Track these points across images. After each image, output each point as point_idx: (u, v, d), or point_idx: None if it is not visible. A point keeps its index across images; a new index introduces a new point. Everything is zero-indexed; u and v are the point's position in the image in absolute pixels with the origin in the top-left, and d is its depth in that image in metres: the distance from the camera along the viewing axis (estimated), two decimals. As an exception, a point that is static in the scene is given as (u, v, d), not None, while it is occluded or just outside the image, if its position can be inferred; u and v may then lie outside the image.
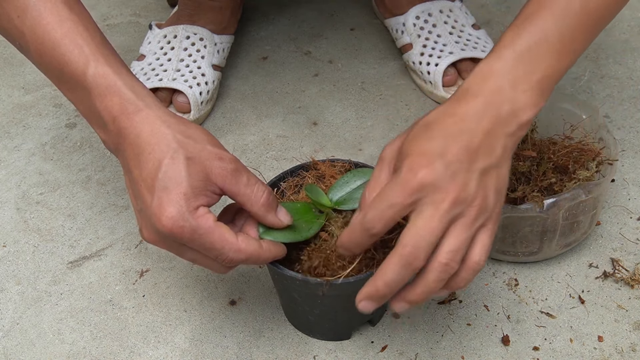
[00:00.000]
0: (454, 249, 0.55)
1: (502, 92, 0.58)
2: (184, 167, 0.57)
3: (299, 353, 0.71)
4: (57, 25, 0.61)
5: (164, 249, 0.60)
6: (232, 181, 0.60)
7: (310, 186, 0.67)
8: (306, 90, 1.02)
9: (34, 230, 0.84)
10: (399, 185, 0.55)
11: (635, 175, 0.87)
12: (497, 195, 0.58)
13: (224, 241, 0.58)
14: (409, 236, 0.55)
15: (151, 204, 0.57)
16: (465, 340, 0.71)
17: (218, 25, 1.01)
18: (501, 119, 0.58)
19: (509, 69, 0.58)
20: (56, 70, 0.61)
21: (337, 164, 0.73)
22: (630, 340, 0.70)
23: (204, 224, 0.57)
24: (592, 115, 0.78)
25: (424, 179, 0.55)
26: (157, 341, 0.73)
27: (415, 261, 0.55)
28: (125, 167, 0.60)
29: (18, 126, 0.98)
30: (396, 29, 1.04)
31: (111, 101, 0.59)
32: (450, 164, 0.55)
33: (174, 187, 0.57)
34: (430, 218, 0.55)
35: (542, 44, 0.59)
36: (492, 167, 0.57)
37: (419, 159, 0.56)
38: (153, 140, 0.58)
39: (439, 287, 0.57)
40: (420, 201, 0.55)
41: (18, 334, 0.74)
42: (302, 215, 0.66)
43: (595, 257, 0.78)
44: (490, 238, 0.58)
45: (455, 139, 0.56)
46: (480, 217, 0.56)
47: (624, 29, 1.09)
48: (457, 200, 0.55)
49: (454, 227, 0.56)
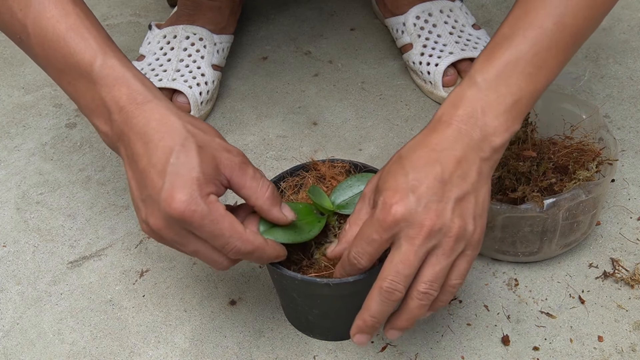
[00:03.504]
0: (431, 279, 0.58)
1: (473, 119, 0.59)
2: (195, 154, 0.57)
3: (299, 353, 0.71)
4: (62, 18, 0.61)
5: (169, 238, 0.59)
6: (239, 173, 0.60)
7: (313, 188, 0.67)
8: (306, 90, 1.02)
9: (34, 230, 0.84)
10: (375, 223, 0.58)
11: (635, 175, 0.87)
12: (476, 220, 0.59)
13: (233, 229, 0.58)
14: (387, 270, 0.58)
15: (162, 188, 0.56)
16: (465, 340, 0.71)
17: (217, 25, 1.01)
18: (473, 145, 0.59)
19: (480, 95, 0.59)
20: (59, 63, 0.61)
21: (337, 165, 0.72)
22: (630, 340, 0.70)
23: (215, 210, 0.57)
24: (592, 115, 0.78)
25: (396, 215, 0.56)
26: (157, 341, 0.73)
27: (394, 294, 0.58)
28: (130, 156, 0.59)
29: (18, 126, 0.98)
30: (396, 28, 1.04)
31: (119, 91, 0.59)
32: (421, 197, 0.57)
33: (187, 172, 0.57)
34: (406, 253, 0.57)
35: (514, 68, 0.59)
36: (468, 193, 0.58)
37: (391, 195, 0.57)
38: (163, 128, 0.58)
39: (423, 312, 0.60)
40: (397, 235, 0.57)
41: (18, 334, 0.74)
42: (304, 217, 0.66)
43: (595, 257, 0.78)
44: (468, 264, 0.60)
45: (427, 171, 0.57)
46: (458, 245, 0.58)
47: (624, 29, 1.09)
48: (431, 232, 0.56)
49: (431, 257, 0.58)
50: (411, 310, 0.59)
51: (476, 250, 0.59)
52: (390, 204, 0.57)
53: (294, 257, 0.67)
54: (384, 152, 0.91)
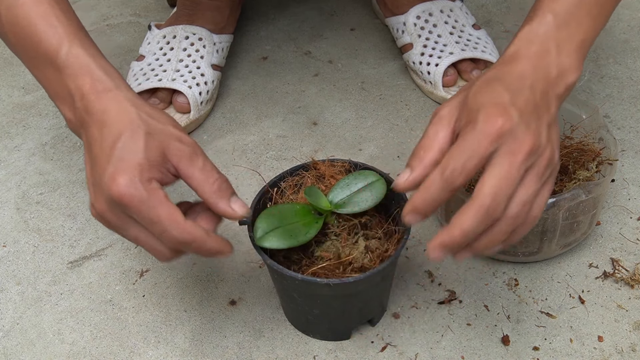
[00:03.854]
0: (526, 200, 0.55)
1: (548, 55, 0.60)
2: (142, 140, 0.58)
3: (299, 353, 0.71)
4: (33, 5, 0.62)
5: (112, 222, 0.59)
6: (187, 163, 0.60)
7: (309, 188, 0.67)
8: (306, 90, 1.02)
9: (34, 230, 0.84)
10: (480, 135, 0.55)
11: (635, 175, 0.87)
12: (558, 152, 0.59)
13: (171, 217, 0.58)
14: (489, 186, 0.54)
15: (105, 172, 0.57)
16: (465, 340, 0.71)
17: (217, 24, 1.01)
18: (551, 81, 0.59)
19: (552, 33, 0.60)
20: (29, 50, 0.63)
21: (336, 164, 0.72)
22: (630, 340, 0.70)
23: (153, 196, 0.57)
24: (592, 115, 0.78)
25: (503, 127, 0.55)
26: (157, 341, 0.73)
27: (495, 212, 0.54)
28: (87, 143, 0.61)
29: (18, 126, 0.98)
30: (397, 28, 1.04)
31: (82, 80, 0.61)
32: (523, 114, 0.56)
33: (130, 157, 0.57)
34: (509, 168, 0.54)
35: (581, 7, 0.61)
36: (553, 122, 0.59)
37: (494, 109, 0.55)
38: (118, 117, 0.59)
39: (501, 239, 0.57)
40: (497, 151, 0.55)
41: (18, 334, 0.74)
42: (301, 218, 0.66)
43: (595, 257, 0.78)
44: (549, 194, 0.58)
45: (520, 93, 0.57)
46: (548, 169, 0.57)
47: (624, 29, 1.09)
48: (532, 150, 0.55)
49: (526, 178, 0.56)
50: (495, 233, 0.56)
51: (553, 184, 0.59)
52: (495, 117, 0.55)
53: (294, 257, 0.67)
54: (384, 152, 0.91)
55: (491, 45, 0.99)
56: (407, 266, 0.78)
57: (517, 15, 1.14)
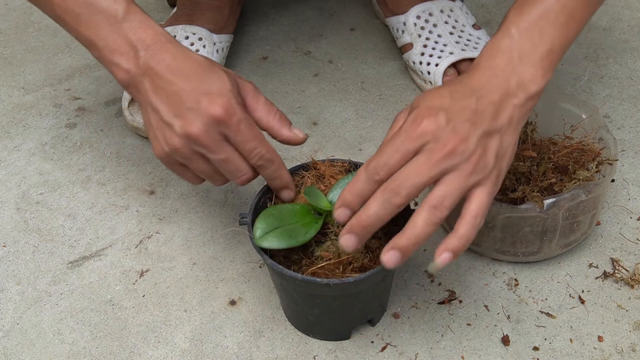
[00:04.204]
0: (442, 194, 0.58)
1: (509, 66, 0.61)
2: (223, 74, 0.66)
3: (299, 353, 0.71)
4: None
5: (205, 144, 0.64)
6: (253, 97, 0.68)
7: (308, 189, 0.67)
8: (306, 90, 1.02)
9: (34, 230, 0.84)
10: (404, 133, 0.59)
11: (635, 175, 0.87)
12: (498, 160, 0.60)
13: (261, 137, 0.66)
14: (397, 174, 0.58)
15: (202, 98, 0.63)
16: (465, 340, 0.71)
17: (217, 24, 1.01)
18: (510, 91, 0.61)
19: (515, 45, 0.62)
20: (79, 7, 0.66)
21: (336, 164, 0.72)
22: (630, 340, 0.70)
23: (248, 117, 0.65)
24: (592, 115, 0.78)
25: (427, 128, 0.58)
26: (157, 341, 0.73)
27: (396, 197, 0.58)
28: (158, 86, 0.65)
29: (18, 126, 0.98)
30: (397, 28, 1.04)
31: (145, 32, 0.66)
32: (452, 118, 0.59)
33: (219, 85, 0.65)
34: (422, 163, 0.58)
35: (546, 17, 0.62)
36: (495, 131, 0.60)
37: (424, 111, 0.59)
38: (189, 60, 0.66)
39: (427, 231, 0.58)
40: (420, 149, 0.58)
41: (18, 334, 0.74)
42: (301, 218, 0.66)
43: (595, 257, 0.78)
44: (487, 196, 0.60)
45: (463, 99, 0.60)
46: (475, 174, 0.59)
47: (624, 29, 1.09)
48: (453, 152, 0.58)
49: (446, 177, 0.58)
50: (416, 224, 0.58)
51: (495, 186, 0.60)
52: (422, 117, 0.59)
53: (294, 256, 0.67)
54: (384, 152, 0.91)
55: (491, 45, 0.99)
56: (407, 266, 0.78)
57: (517, 15, 1.14)
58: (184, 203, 0.86)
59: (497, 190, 0.61)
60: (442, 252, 0.59)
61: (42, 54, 1.10)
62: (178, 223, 0.84)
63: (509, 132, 0.61)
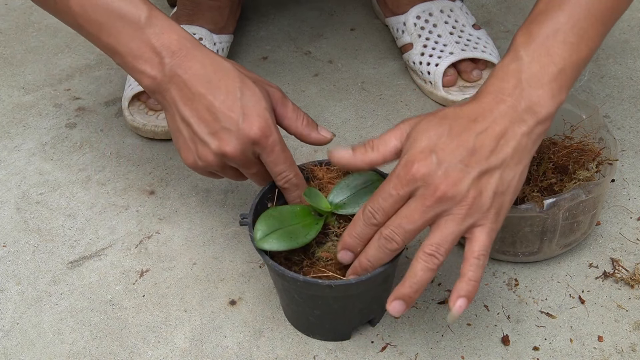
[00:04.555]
0: (437, 241, 0.58)
1: (518, 89, 0.60)
2: (257, 89, 0.65)
3: (299, 353, 0.71)
4: None
5: (238, 161, 0.65)
6: (281, 105, 0.69)
7: (309, 190, 0.67)
8: (306, 90, 1.02)
9: (34, 230, 0.84)
10: (394, 178, 0.59)
11: (635, 175, 0.87)
12: (496, 197, 0.59)
13: (292, 161, 0.67)
14: (391, 220, 0.59)
15: (239, 119, 0.64)
16: (465, 340, 0.71)
17: (217, 24, 1.01)
18: (517, 117, 0.59)
19: (524, 67, 0.60)
20: (100, 16, 0.66)
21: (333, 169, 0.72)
22: (630, 340, 0.70)
23: (282, 140, 0.66)
24: (592, 115, 0.78)
25: (416, 174, 0.58)
26: (157, 341, 0.73)
27: (391, 243, 0.60)
28: (187, 96, 0.65)
29: (18, 126, 0.98)
30: (397, 28, 1.04)
31: (169, 38, 0.65)
32: (443, 162, 0.57)
33: (256, 103, 0.64)
34: (413, 209, 0.58)
35: (554, 39, 0.60)
36: (495, 168, 0.58)
37: (416, 155, 0.58)
38: (219, 70, 0.65)
39: (427, 277, 0.59)
40: (412, 193, 0.58)
41: (18, 334, 0.74)
42: (301, 219, 0.66)
43: (595, 257, 0.78)
44: (487, 235, 0.59)
45: (460, 136, 0.58)
46: (469, 217, 0.58)
47: (624, 29, 1.10)
48: (443, 197, 0.57)
49: (440, 220, 0.58)
50: (415, 272, 0.59)
51: (494, 224, 0.59)
52: (413, 162, 0.58)
53: (295, 257, 0.67)
54: (384, 152, 0.91)
55: (491, 45, 0.99)
56: (407, 267, 0.78)
57: (517, 16, 1.14)
58: (184, 203, 0.86)
59: (498, 226, 0.60)
60: (456, 300, 0.59)
61: (42, 54, 1.10)
62: (178, 223, 0.84)
63: (512, 165, 0.59)
